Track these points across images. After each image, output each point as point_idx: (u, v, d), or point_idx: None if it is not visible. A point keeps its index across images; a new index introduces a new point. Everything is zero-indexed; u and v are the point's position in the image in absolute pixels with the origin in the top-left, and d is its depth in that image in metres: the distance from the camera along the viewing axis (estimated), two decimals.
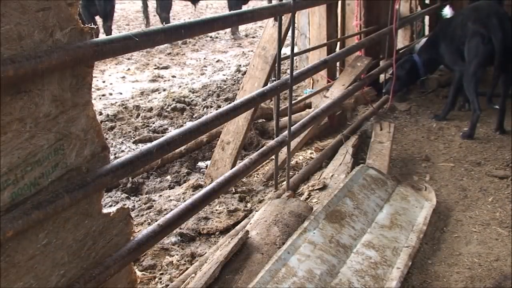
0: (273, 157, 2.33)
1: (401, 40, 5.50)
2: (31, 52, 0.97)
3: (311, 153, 3.24)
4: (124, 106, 4.96)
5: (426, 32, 5.83)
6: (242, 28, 10.03)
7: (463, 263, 1.96)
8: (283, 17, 2.25)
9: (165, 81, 6.23)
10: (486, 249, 2.04)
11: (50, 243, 1.11)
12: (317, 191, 2.51)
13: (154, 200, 2.82)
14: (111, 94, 5.64)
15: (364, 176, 2.39)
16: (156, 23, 9.99)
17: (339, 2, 4.12)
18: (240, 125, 2.92)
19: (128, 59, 7.43)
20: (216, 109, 3.15)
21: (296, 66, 5.01)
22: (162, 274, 2.10)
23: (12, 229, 0.96)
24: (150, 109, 4.79)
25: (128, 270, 1.40)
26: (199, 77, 6.42)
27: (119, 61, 7.29)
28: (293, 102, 2.90)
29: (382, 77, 4.20)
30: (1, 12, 0.92)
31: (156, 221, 1.61)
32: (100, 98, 5.42)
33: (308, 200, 2.43)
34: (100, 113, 4.67)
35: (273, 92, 2.08)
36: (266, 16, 2.06)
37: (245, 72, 4.61)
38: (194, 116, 4.59)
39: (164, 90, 5.69)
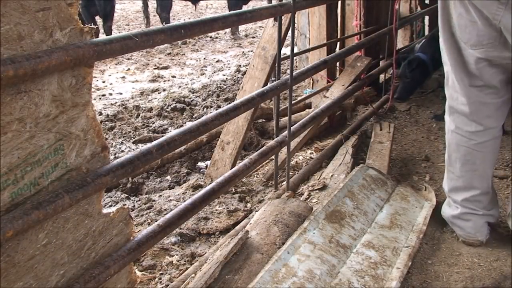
0: (273, 157, 2.33)
1: (401, 40, 5.51)
2: (31, 52, 0.97)
3: (311, 153, 3.24)
4: (124, 106, 4.97)
5: (426, 32, 5.84)
6: (242, 28, 10.04)
7: (463, 263, 1.96)
8: (283, 17, 2.25)
9: (165, 81, 6.23)
10: (486, 249, 2.04)
11: (50, 243, 1.11)
12: (317, 191, 2.51)
13: (154, 200, 2.82)
14: (111, 94, 5.64)
15: (364, 176, 2.39)
16: (156, 23, 10.00)
17: (339, 2, 4.12)
18: (240, 125, 2.92)
19: (128, 59, 7.43)
20: (216, 109, 3.15)
21: (296, 66, 5.01)
22: (162, 274, 2.10)
23: (12, 229, 0.96)
24: (150, 109, 4.80)
25: (128, 270, 1.40)
26: (199, 77, 6.42)
27: (119, 61, 7.29)
28: (293, 102, 2.90)
29: (382, 77, 4.20)
30: (1, 12, 0.92)
31: (156, 221, 1.61)
32: (100, 98, 5.43)
33: (308, 200, 2.43)
34: (100, 113, 4.68)
35: (273, 92, 2.08)
36: (266, 16, 2.06)
37: (245, 72, 4.61)
38: (194, 116, 4.59)
39: (164, 90, 5.69)
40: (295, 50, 2.56)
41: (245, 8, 8.65)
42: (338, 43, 4.04)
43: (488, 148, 1.95)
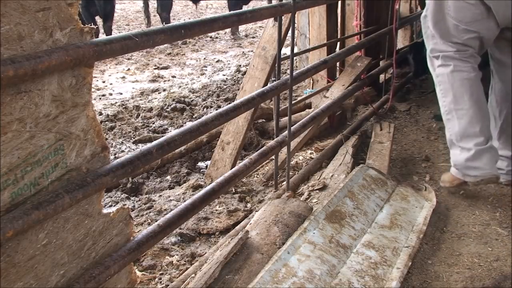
0: (273, 157, 2.33)
1: (401, 40, 5.51)
2: (31, 52, 0.97)
3: (311, 153, 3.24)
4: (124, 106, 4.96)
5: None
6: (242, 28, 10.04)
7: (463, 263, 1.96)
8: (283, 17, 2.25)
9: (165, 81, 6.23)
10: (486, 249, 2.04)
11: (50, 243, 1.11)
12: (317, 191, 2.51)
13: (154, 200, 2.82)
14: (111, 94, 5.64)
15: (364, 176, 2.39)
16: (156, 23, 10.00)
17: (339, 2, 4.12)
18: (240, 125, 2.92)
19: (128, 59, 7.43)
20: (216, 109, 3.15)
21: (296, 66, 5.01)
22: (162, 274, 2.10)
23: (12, 229, 0.96)
24: (150, 109, 4.79)
25: (128, 270, 1.40)
26: (199, 77, 6.42)
27: (119, 61, 7.29)
28: (293, 102, 2.90)
29: (382, 77, 4.20)
30: (1, 12, 0.92)
31: (156, 221, 1.61)
32: (100, 98, 5.43)
33: (308, 200, 2.43)
34: (100, 113, 4.67)
35: (273, 92, 2.08)
36: (266, 16, 2.06)
37: (245, 72, 4.61)
38: (194, 116, 4.59)
39: (164, 90, 5.69)
40: (295, 50, 2.56)
41: (245, 8, 8.65)
42: (338, 43, 4.04)
43: (478, 80, 2.27)
